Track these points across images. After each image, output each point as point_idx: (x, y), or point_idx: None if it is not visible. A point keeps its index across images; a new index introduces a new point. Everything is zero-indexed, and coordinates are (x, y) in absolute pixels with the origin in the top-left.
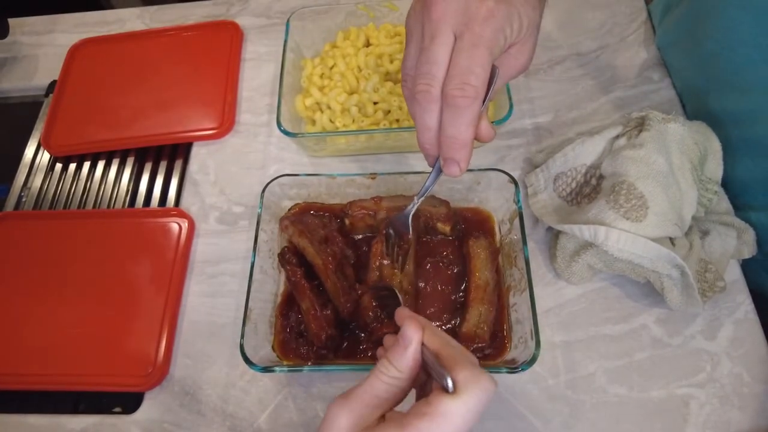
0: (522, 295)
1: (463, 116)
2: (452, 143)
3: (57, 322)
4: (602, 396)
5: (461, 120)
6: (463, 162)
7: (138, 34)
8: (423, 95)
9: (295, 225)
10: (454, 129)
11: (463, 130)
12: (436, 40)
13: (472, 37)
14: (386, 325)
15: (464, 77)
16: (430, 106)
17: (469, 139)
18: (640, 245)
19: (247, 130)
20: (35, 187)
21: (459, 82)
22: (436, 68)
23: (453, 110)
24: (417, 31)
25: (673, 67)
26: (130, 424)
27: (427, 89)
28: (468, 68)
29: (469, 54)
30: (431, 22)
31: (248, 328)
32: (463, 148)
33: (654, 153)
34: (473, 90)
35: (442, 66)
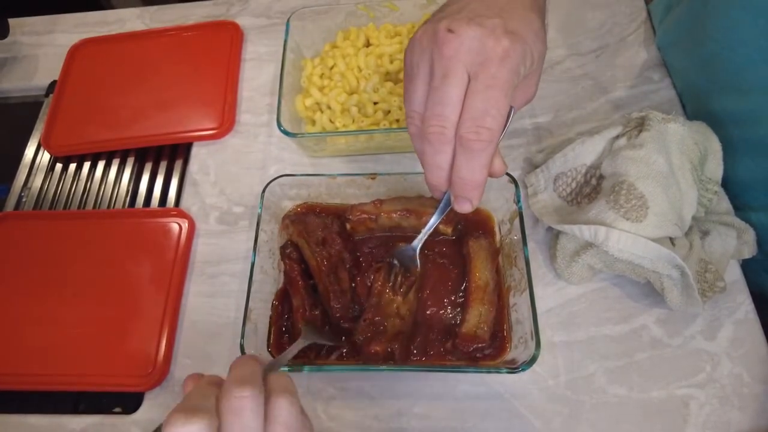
0: (522, 296)
1: (477, 159)
2: (465, 184)
3: (57, 322)
4: (602, 396)
5: (475, 163)
6: (476, 200)
7: (138, 34)
8: (436, 137)
9: (295, 224)
10: (468, 171)
11: (477, 172)
12: (448, 79)
13: (487, 78)
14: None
15: (479, 120)
16: (443, 148)
17: (483, 180)
18: (640, 245)
19: (247, 130)
20: (35, 187)
21: (474, 125)
22: (450, 109)
23: (468, 153)
24: (424, 68)
25: (673, 67)
26: (130, 425)
27: (440, 131)
28: (484, 111)
29: (485, 96)
30: (443, 60)
31: (248, 328)
32: (476, 188)
33: (654, 153)
34: (488, 134)
35: (455, 107)
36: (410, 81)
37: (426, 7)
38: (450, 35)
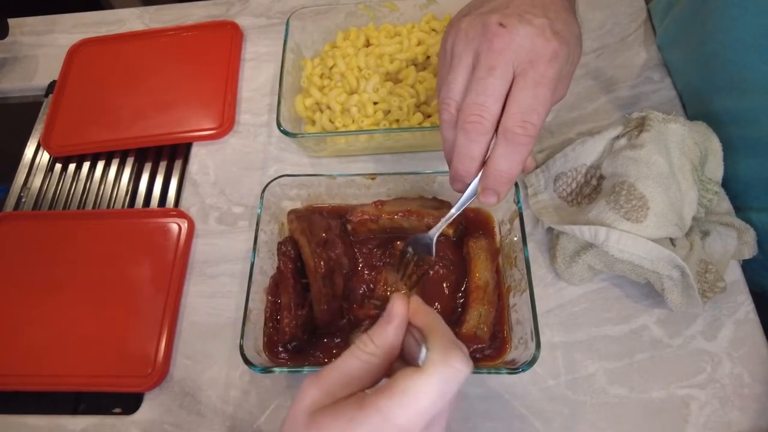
0: (522, 296)
1: (519, 153)
2: (500, 176)
3: (56, 323)
4: (602, 397)
5: (516, 157)
6: (504, 194)
7: (138, 34)
8: (474, 126)
9: (300, 221)
10: (506, 164)
11: (515, 166)
12: (495, 72)
13: (536, 75)
14: None
15: (527, 115)
16: (480, 138)
17: (517, 174)
18: (640, 246)
19: (247, 130)
20: (35, 187)
21: (521, 119)
22: (492, 101)
23: (511, 147)
24: (467, 58)
25: (673, 67)
26: (130, 425)
27: (480, 120)
28: (531, 107)
29: (534, 92)
30: (492, 53)
31: (248, 328)
32: (509, 182)
33: (654, 153)
34: (534, 129)
35: (498, 100)
36: (450, 69)
37: (426, 7)
38: (501, 30)
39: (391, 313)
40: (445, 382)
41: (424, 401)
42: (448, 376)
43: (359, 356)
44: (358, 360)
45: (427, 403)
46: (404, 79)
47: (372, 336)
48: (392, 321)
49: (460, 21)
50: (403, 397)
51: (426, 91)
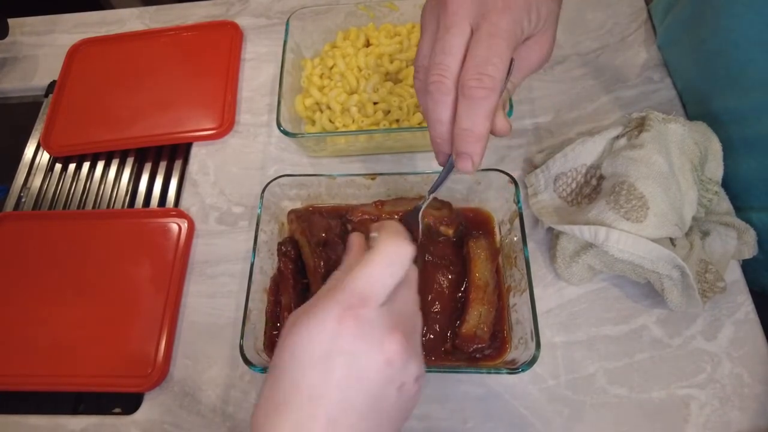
0: (522, 296)
1: (479, 108)
2: (467, 136)
3: (56, 323)
4: (602, 397)
5: (478, 112)
6: (477, 156)
7: (138, 34)
8: (436, 86)
9: (300, 221)
10: (469, 121)
11: (479, 123)
12: (451, 30)
13: (489, 27)
14: None
15: (481, 68)
16: (444, 98)
17: (485, 133)
18: (640, 246)
19: (247, 130)
20: (35, 187)
21: (476, 72)
22: (451, 59)
23: (469, 102)
24: (432, 24)
25: (674, 67)
26: (130, 425)
27: (440, 80)
28: (486, 59)
29: (486, 44)
30: (447, 15)
31: (248, 328)
32: (478, 141)
33: (654, 153)
34: (491, 81)
35: (457, 56)
36: (420, 39)
37: None
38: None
39: (350, 242)
40: (393, 254)
41: (376, 268)
42: (392, 248)
43: None
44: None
45: (378, 270)
46: (404, 79)
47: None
48: (352, 249)
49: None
50: (358, 270)
51: None
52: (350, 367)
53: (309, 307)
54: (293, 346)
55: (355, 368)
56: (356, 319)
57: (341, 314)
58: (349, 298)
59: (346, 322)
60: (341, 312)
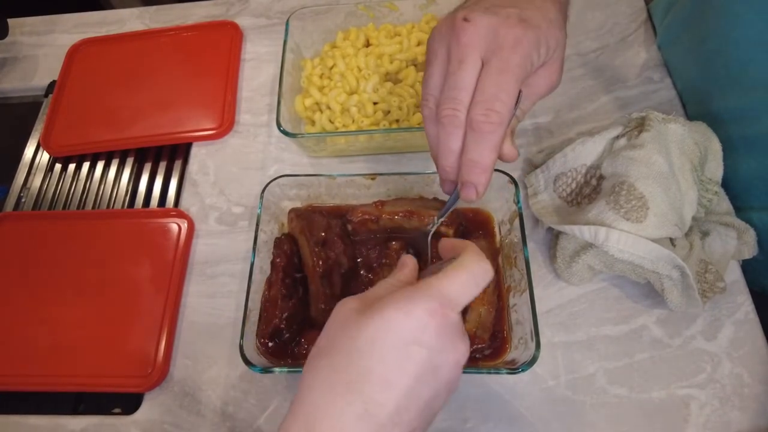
0: (522, 296)
1: (486, 141)
2: (473, 167)
3: (56, 323)
4: (602, 397)
5: (484, 145)
6: (481, 187)
7: (138, 34)
8: (449, 119)
9: (300, 220)
10: (476, 154)
11: (485, 155)
12: (463, 65)
13: (499, 63)
14: None
15: (489, 104)
16: (456, 131)
17: (490, 164)
18: (640, 246)
19: (247, 130)
20: (34, 187)
21: (484, 108)
22: (463, 93)
23: (477, 135)
24: (442, 54)
25: (673, 66)
26: (130, 425)
27: (453, 113)
28: (494, 95)
29: (496, 80)
30: (459, 47)
31: (248, 328)
32: (483, 173)
33: (654, 153)
34: (497, 117)
35: (468, 91)
36: (428, 66)
37: (426, 7)
38: (466, 24)
39: (403, 261)
40: (481, 270)
41: (467, 279)
42: (482, 264)
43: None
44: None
45: (467, 280)
46: (404, 79)
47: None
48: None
49: (439, 21)
50: (451, 276)
51: None
52: (428, 361)
53: (391, 300)
54: (371, 332)
55: (431, 362)
56: (444, 317)
57: (433, 309)
58: (440, 298)
59: (435, 318)
60: (433, 307)
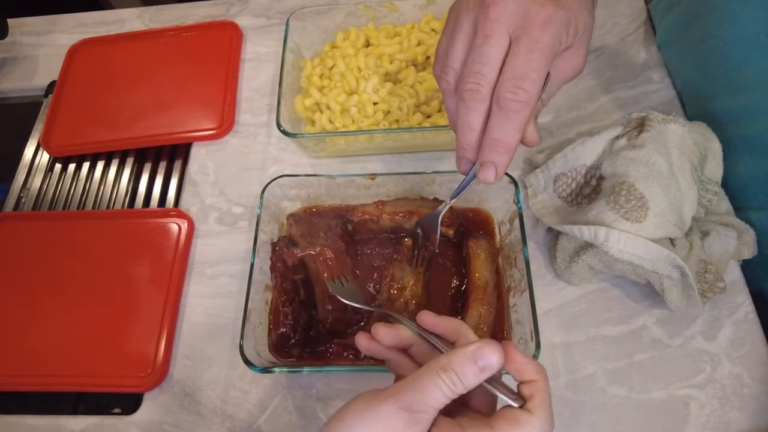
0: (522, 296)
1: (512, 120)
2: (497, 146)
3: (56, 323)
4: (602, 397)
5: (510, 124)
6: (501, 167)
7: (138, 34)
8: (471, 94)
9: (299, 225)
10: (501, 132)
11: (510, 134)
12: (490, 40)
13: (529, 41)
14: None
15: (519, 81)
16: (478, 106)
17: (514, 144)
18: (640, 246)
19: (247, 130)
20: (34, 187)
21: (513, 86)
22: (488, 68)
23: (504, 113)
24: (467, 27)
25: (673, 66)
26: (130, 425)
27: (476, 88)
28: (524, 73)
29: (526, 58)
30: (487, 21)
31: (248, 329)
32: (506, 152)
33: (654, 154)
34: (526, 95)
35: (494, 67)
36: (451, 38)
37: (425, 8)
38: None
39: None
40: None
41: None
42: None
43: (446, 392)
44: (445, 396)
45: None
46: (404, 80)
47: (462, 377)
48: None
49: None
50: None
51: (426, 92)
52: None
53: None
54: None
55: None
56: None
57: None
58: None
59: None
60: None
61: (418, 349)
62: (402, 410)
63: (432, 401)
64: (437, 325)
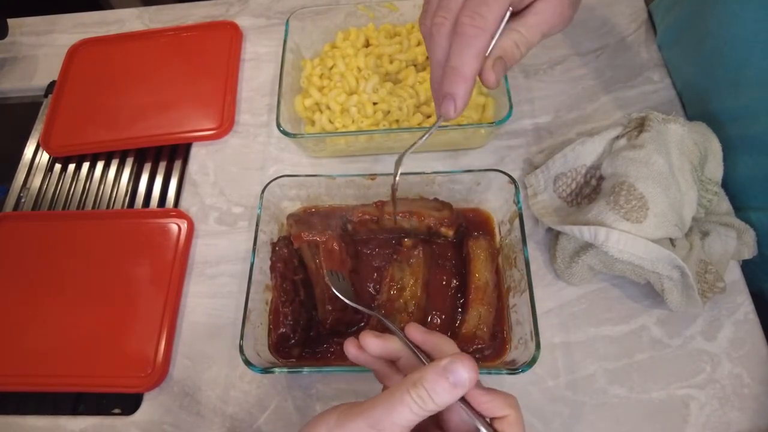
0: (522, 296)
1: (469, 47)
2: (454, 75)
3: (56, 323)
4: (602, 397)
5: (467, 51)
6: (460, 99)
7: (137, 34)
8: (437, 27)
9: (299, 225)
10: (458, 59)
11: (466, 62)
12: None
13: None
14: None
15: (476, 7)
16: (442, 41)
17: (471, 74)
18: (640, 246)
19: (247, 130)
20: (34, 187)
21: (470, 11)
22: (454, 3)
23: (460, 39)
24: None
25: (673, 66)
26: (130, 425)
27: (442, 21)
28: (482, 0)
29: None
30: None
31: (248, 329)
32: (463, 81)
33: (654, 154)
34: (482, 21)
35: (460, 3)
36: None
37: None
38: None
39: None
40: None
41: None
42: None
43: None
44: (414, 415)
45: None
46: (404, 80)
47: (434, 396)
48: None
49: None
50: None
51: (426, 92)
52: None
53: None
54: None
55: None
56: None
57: None
58: None
59: None
60: None
61: (406, 361)
62: (370, 428)
63: (400, 419)
64: (425, 342)
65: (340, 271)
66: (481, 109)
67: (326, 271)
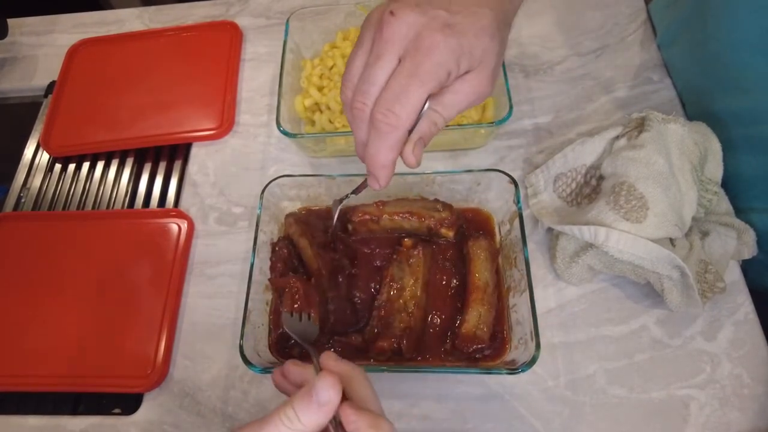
0: (522, 296)
1: (383, 140)
2: (371, 160)
3: (56, 323)
4: (602, 397)
5: (381, 143)
6: (382, 180)
7: (137, 34)
8: (358, 112)
9: (299, 224)
10: (374, 149)
11: (382, 153)
12: (379, 61)
13: (411, 66)
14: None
15: (390, 104)
16: (362, 125)
17: (388, 162)
18: (640, 246)
19: (247, 130)
20: (34, 187)
21: (384, 108)
22: (374, 89)
23: (376, 132)
24: (367, 44)
25: (673, 67)
26: (130, 426)
27: (362, 107)
28: (396, 97)
29: (403, 82)
30: (380, 41)
31: (248, 329)
32: (382, 168)
33: (654, 154)
34: (395, 119)
35: (379, 87)
36: (354, 52)
37: None
38: (391, 18)
39: (322, 395)
40: None
41: None
42: None
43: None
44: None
45: None
46: None
47: (300, 415)
48: (324, 406)
49: (375, 7)
50: None
51: None
52: None
53: None
54: None
55: None
56: None
57: None
58: None
59: None
60: None
61: None
62: None
63: None
64: (337, 366)
65: (306, 310)
66: (481, 109)
67: (285, 314)
